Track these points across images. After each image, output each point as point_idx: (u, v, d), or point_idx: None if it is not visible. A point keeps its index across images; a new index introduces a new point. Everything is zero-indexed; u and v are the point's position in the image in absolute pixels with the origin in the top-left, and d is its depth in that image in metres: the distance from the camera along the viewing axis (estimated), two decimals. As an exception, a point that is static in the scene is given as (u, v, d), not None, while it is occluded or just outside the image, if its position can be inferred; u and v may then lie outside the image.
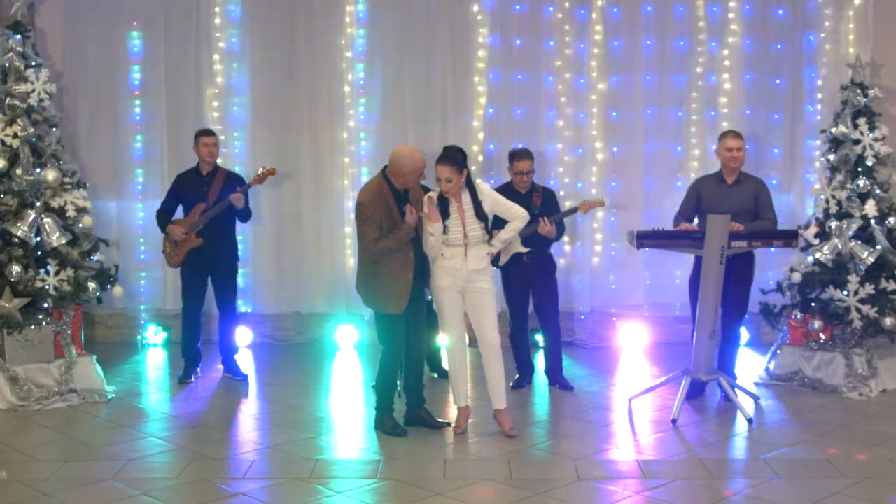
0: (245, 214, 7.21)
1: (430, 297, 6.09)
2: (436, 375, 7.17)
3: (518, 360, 7.06)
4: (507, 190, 6.73)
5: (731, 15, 8.26)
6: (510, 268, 6.86)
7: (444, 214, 5.69)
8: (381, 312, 5.83)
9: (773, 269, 7.94)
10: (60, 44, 8.38)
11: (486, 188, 5.82)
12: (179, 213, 7.24)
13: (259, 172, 7.21)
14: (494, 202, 5.78)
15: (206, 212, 7.01)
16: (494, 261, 6.87)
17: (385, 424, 5.90)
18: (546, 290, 6.92)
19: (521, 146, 7.25)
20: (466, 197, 5.72)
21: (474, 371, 6.34)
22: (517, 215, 5.82)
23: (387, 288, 5.72)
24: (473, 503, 4.79)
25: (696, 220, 6.54)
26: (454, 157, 5.65)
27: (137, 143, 8.49)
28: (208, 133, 7.21)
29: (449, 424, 6.00)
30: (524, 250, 6.75)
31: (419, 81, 8.38)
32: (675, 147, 8.41)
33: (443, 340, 6.00)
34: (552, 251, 7.01)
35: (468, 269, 5.71)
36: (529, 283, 6.90)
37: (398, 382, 6.12)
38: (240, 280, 8.42)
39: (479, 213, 5.70)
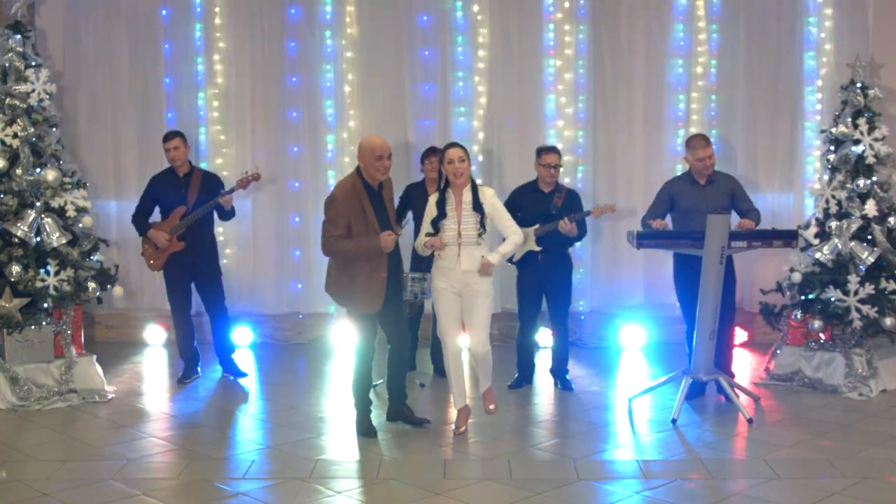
0: (230, 213, 7.16)
1: (429, 294, 6.07)
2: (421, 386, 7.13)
3: (520, 359, 7.06)
4: (530, 188, 6.85)
5: (731, 14, 8.27)
6: (524, 266, 6.86)
7: (441, 213, 5.72)
8: (356, 313, 5.79)
9: (774, 264, 7.94)
10: (60, 44, 8.39)
11: (489, 192, 5.84)
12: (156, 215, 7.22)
13: (242, 177, 7.10)
14: (494, 210, 5.79)
15: (187, 215, 6.97)
16: (509, 258, 6.88)
17: (360, 425, 5.90)
18: (558, 292, 6.89)
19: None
20: (467, 196, 5.75)
21: (472, 371, 6.34)
22: (513, 231, 5.82)
23: (361, 288, 5.68)
24: (473, 503, 4.80)
25: (667, 220, 6.58)
26: (460, 144, 5.87)
27: (137, 143, 8.48)
28: (168, 137, 7.11)
29: (428, 422, 6.01)
30: (537, 249, 6.75)
31: (419, 81, 8.38)
32: (673, 146, 8.42)
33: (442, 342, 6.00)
34: (570, 252, 6.95)
35: (461, 270, 5.72)
36: (542, 283, 6.87)
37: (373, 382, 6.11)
38: (241, 280, 8.46)
39: (476, 206, 5.71)
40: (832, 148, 7.23)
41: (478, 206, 5.73)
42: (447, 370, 5.94)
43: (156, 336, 8.56)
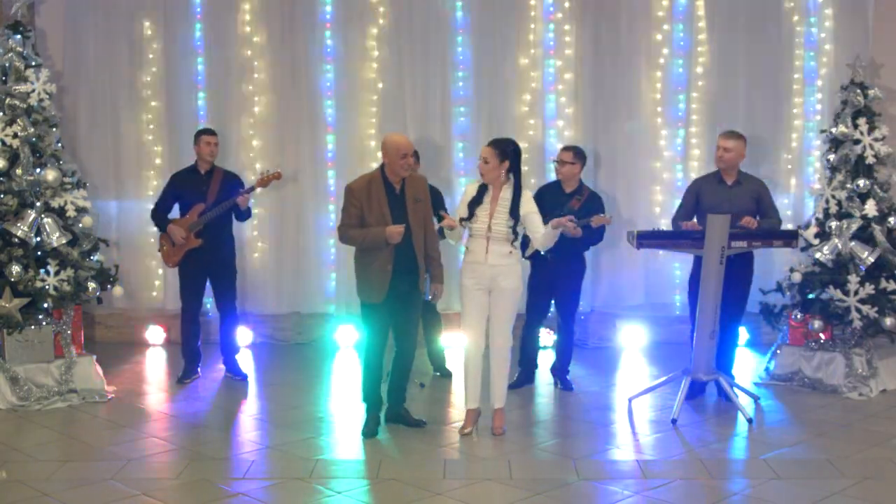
0: (246, 214, 7.21)
1: (428, 297, 6.07)
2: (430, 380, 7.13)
3: (523, 358, 7.05)
4: (553, 187, 6.88)
5: (730, 14, 8.27)
6: (535, 265, 6.87)
7: (478, 201, 5.74)
8: (361, 301, 5.87)
9: (774, 264, 7.94)
10: (60, 44, 8.37)
11: (528, 195, 5.85)
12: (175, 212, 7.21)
13: (264, 175, 7.13)
14: (528, 212, 5.78)
15: (206, 212, 6.99)
16: (521, 250, 6.86)
17: (364, 424, 5.90)
18: (567, 294, 6.89)
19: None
20: (506, 193, 5.75)
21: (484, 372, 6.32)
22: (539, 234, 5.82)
23: (366, 277, 5.79)
24: (473, 503, 4.80)
25: (695, 220, 6.53)
26: (500, 143, 5.79)
27: (137, 143, 8.48)
28: (211, 132, 7.19)
29: (424, 422, 6.01)
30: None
31: (419, 81, 8.38)
32: (673, 147, 8.42)
33: (461, 340, 5.98)
34: (584, 255, 6.93)
35: (489, 264, 5.73)
36: (551, 283, 6.87)
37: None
38: (239, 280, 8.45)
39: (514, 211, 5.73)
40: (832, 148, 7.23)
41: (515, 212, 5.73)
42: (465, 369, 5.91)
43: (156, 336, 8.56)
